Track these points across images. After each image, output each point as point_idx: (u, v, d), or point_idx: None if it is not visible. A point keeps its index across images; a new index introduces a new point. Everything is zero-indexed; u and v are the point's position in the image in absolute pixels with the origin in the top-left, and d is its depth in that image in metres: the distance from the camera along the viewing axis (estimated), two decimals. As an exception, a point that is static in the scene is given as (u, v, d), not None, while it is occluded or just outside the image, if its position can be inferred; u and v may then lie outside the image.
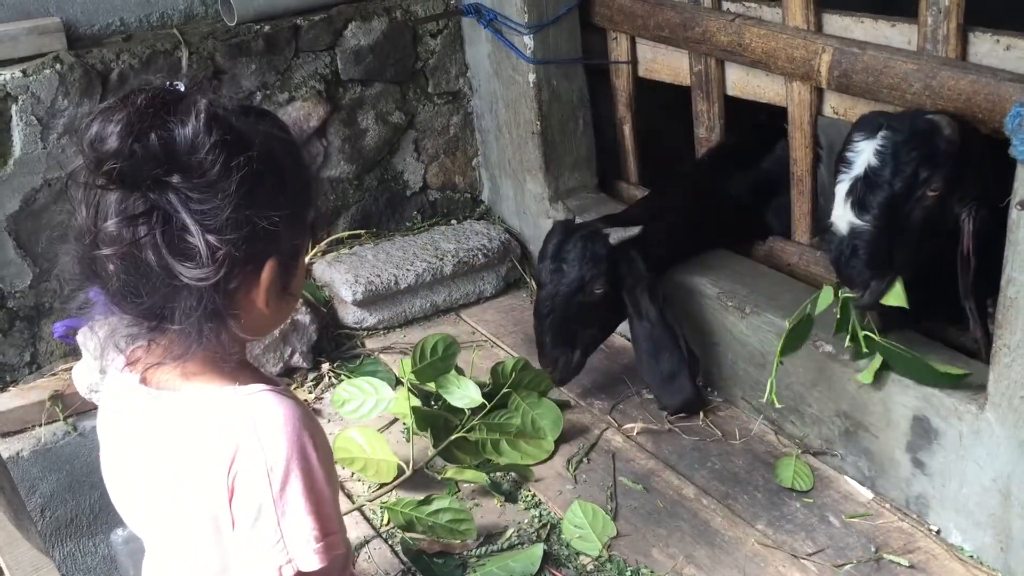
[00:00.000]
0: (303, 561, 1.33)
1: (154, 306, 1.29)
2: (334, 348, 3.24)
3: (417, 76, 3.65)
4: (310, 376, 3.10)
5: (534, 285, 3.19)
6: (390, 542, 2.40)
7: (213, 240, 1.25)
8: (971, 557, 2.24)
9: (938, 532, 2.31)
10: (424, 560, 2.31)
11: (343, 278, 3.29)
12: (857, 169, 2.21)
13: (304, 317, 3.10)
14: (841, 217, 2.24)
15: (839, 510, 2.41)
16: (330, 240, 3.55)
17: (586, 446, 2.70)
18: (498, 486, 2.55)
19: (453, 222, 3.78)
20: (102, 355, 1.40)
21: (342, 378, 3.04)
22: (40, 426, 2.89)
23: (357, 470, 2.57)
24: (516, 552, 2.32)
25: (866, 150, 2.19)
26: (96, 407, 2.08)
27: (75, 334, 2.87)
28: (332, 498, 1.39)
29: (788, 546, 2.30)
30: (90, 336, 2.70)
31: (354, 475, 2.61)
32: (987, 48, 2.29)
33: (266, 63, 3.31)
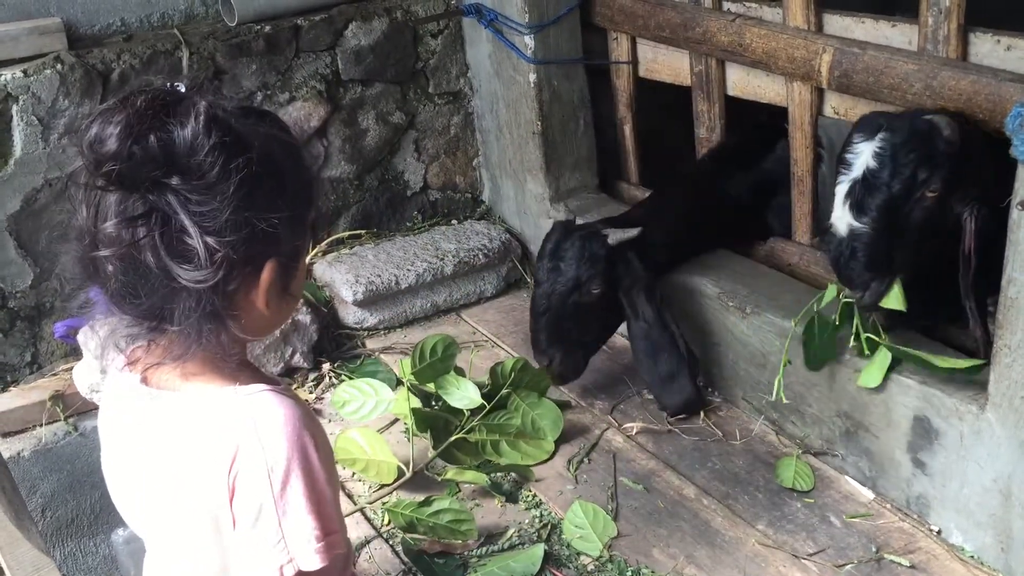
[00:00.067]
0: (304, 561, 1.33)
1: (153, 307, 1.30)
2: (335, 348, 3.24)
3: (418, 76, 3.65)
4: (311, 376, 3.10)
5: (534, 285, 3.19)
6: (391, 542, 2.40)
7: (212, 242, 1.25)
8: (972, 557, 2.24)
9: (939, 532, 2.31)
10: (425, 560, 2.32)
11: (344, 278, 3.29)
12: (856, 171, 2.21)
13: (305, 317, 3.10)
14: (840, 219, 2.24)
15: (840, 510, 2.41)
16: (331, 240, 3.55)
17: (587, 446, 2.70)
18: (499, 486, 2.55)
19: (454, 222, 3.78)
20: (103, 355, 1.40)
21: (343, 378, 3.04)
22: (41, 426, 2.89)
23: (358, 470, 2.57)
24: (517, 552, 2.32)
25: (865, 152, 2.19)
26: (97, 407, 2.08)
27: (76, 334, 2.87)
28: (333, 498, 1.39)
29: (789, 546, 2.30)
30: (91, 336, 2.70)
31: (355, 475, 2.61)
32: (988, 48, 2.28)
33: (267, 63, 3.32)
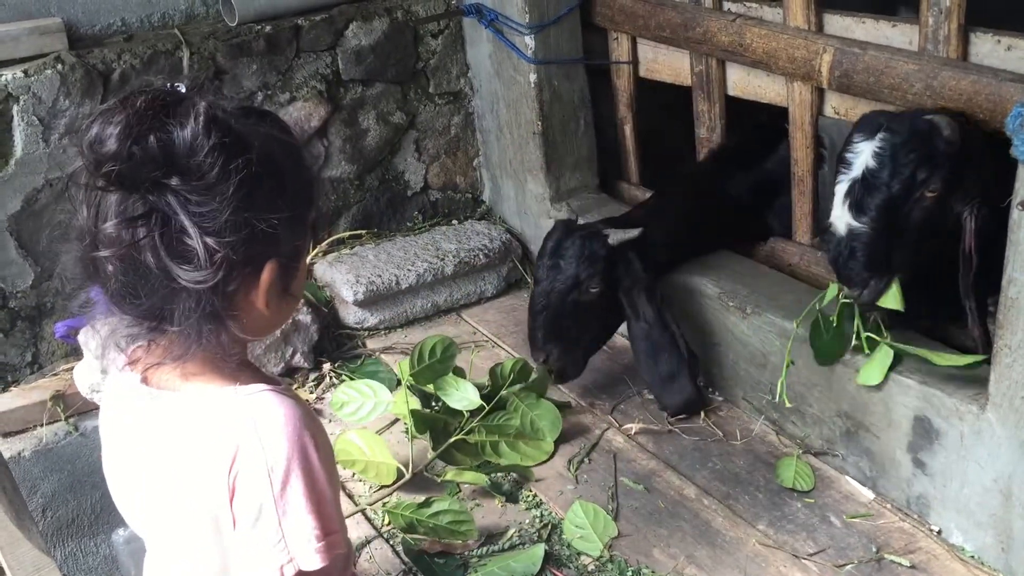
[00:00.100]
0: (304, 560, 1.33)
1: (153, 307, 1.30)
2: (335, 348, 3.24)
3: (418, 76, 3.65)
4: (311, 376, 3.10)
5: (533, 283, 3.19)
6: (391, 542, 2.40)
7: (211, 242, 1.25)
8: (972, 557, 2.24)
9: (939, 532, 2.31)
10: (425, 560, 2.31)
11: (344, 278, 3.29)
12: (855, 171, 2.21)
13: (305, 317, 3.10)
14: (839, 218, 2.24)
15: (840, 510, 2.41)
16: (331, 240, 3.55)
17: (587, 446, 2.70)
18: (499, 486, 2.55)
19: (454, 222, 3.78)
20: (103, 354, 1.40)
21: (343, 378, 3.04)
22: (41, 426, 2.89)
23: (357, 472, 2.57)
24: (517, 552, 2.32)
25: (864, 152, 2.20)
26: (97, 407, 2.08)
27: (76, 334, 2.87)
28: (333, 497, 1.39)
29: (789, 546, 2.30)
30: (92, 335, 2.70)
31: (355, 475, 2.61)
32: (988, 48, 2.28)
33: (267, 63, 3.32)
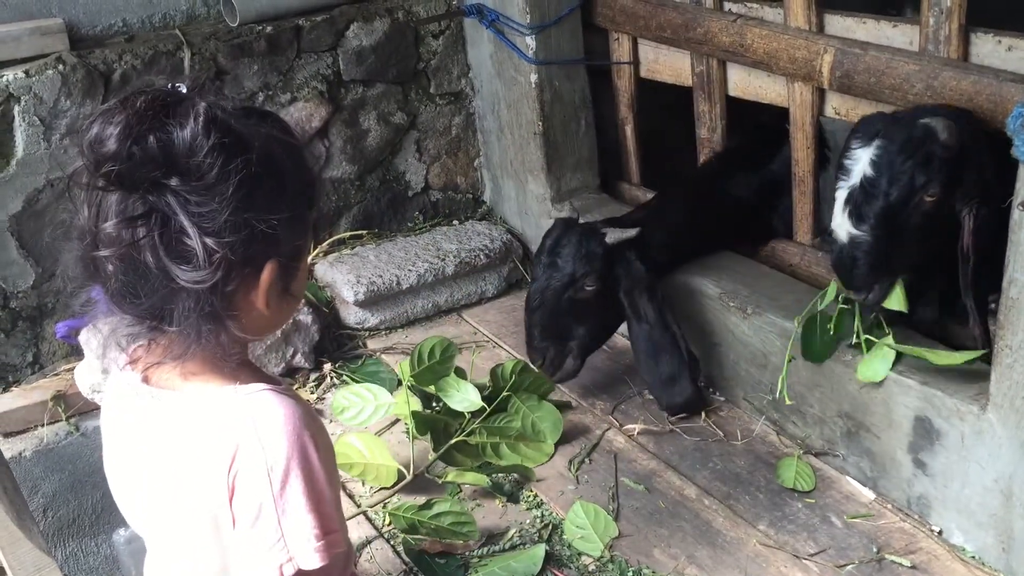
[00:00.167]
0: (304, 560, 1.33)
1: (153, 307, 1.30)
2: (336, 348, 3.24)
3: (419, 77, 3.65)
4: (312, 376, 3.10)
5: (531, 281, 3.19)
6: (392, 542, 2.40)
7: (211, 243, 1.25)
8: (973, 558, 2.24)
9: (940, 533, 2.31)
10: (426, 560, 2.31)
11: (345, 278, 3.29)
12: (854, 178, 2.21)
13: (306, 317, 3.11)
14: (840, 226, 2.25)
15: (841, 511, 2.41)
16: (332, 240, 3.56)
17: (588, 446, 2.70)
18: (500, 487, 2.55)
19: (455, 222, 3.78)
20: (104, 354, 1.40)
21: (344, 378, 3.04)
22: (42, 426, 2.89)
23: (356, 475, 2.57)
24: (518, 552, 2.32)
25: (862, 159, 2.20)
26: (98, 407, 2.09)
27: (77, 334, 2.87)
28: (333, 497, 1.39)
29: (790, 546, 2.30)
30: (93, 335, 2.70)
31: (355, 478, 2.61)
32: (989, 49, 2.28)
33: (268, 64, 3.32)
